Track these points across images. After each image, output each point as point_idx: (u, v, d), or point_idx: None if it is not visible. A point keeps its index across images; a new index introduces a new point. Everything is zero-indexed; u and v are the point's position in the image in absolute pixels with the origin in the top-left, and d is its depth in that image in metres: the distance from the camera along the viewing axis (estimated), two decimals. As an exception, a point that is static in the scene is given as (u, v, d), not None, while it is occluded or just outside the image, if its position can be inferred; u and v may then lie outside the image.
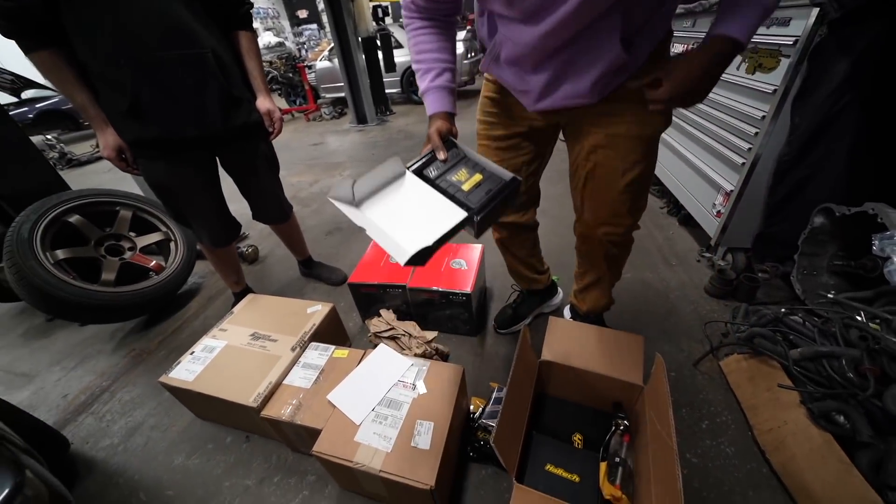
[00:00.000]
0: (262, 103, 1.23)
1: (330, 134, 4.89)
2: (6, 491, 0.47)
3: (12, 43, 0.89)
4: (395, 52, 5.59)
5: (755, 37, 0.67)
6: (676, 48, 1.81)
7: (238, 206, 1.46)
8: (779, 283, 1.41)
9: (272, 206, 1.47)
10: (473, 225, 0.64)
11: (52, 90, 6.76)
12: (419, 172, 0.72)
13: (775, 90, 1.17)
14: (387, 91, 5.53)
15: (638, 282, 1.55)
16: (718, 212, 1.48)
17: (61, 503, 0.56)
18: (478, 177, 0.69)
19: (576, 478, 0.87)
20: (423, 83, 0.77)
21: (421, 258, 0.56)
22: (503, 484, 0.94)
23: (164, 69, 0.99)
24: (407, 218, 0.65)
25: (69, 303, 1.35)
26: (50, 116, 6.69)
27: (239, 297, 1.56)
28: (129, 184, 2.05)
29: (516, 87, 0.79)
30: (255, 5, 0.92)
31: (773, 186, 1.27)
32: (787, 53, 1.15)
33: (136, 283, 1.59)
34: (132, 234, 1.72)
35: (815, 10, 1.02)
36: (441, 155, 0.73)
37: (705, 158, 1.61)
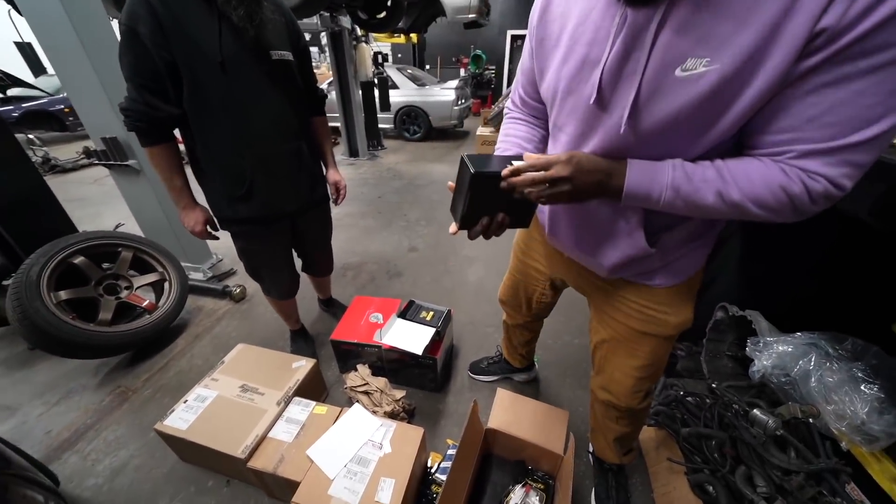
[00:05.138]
0: (332, 176, 1.47)
1: (322, 166, 5.09)
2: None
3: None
4: (391, 92, 5.98)
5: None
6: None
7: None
8: (697, 360, 1.70)
9: (326, 262, 1.70)
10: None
11: (41, 90, 6.74)
12: (403, 315, 1.56)
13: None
14: (380, 126, 5.86)
15: (584, 347, 1.81)
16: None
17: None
18: (431, 314, 1.56)
19: (507, 530, 1.06)
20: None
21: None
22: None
23: (275, 160, 1.19)
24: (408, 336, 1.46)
25: (69, 343, 1.46)
26: (36, 116, 6.55)
27: (295, 334, 1.78)
28: (118, 206, 2.17)
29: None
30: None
31: (686, 284, 1.58)
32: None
33: (129, 322, 1.71)
34: (132, 272, 1.84)
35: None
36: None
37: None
